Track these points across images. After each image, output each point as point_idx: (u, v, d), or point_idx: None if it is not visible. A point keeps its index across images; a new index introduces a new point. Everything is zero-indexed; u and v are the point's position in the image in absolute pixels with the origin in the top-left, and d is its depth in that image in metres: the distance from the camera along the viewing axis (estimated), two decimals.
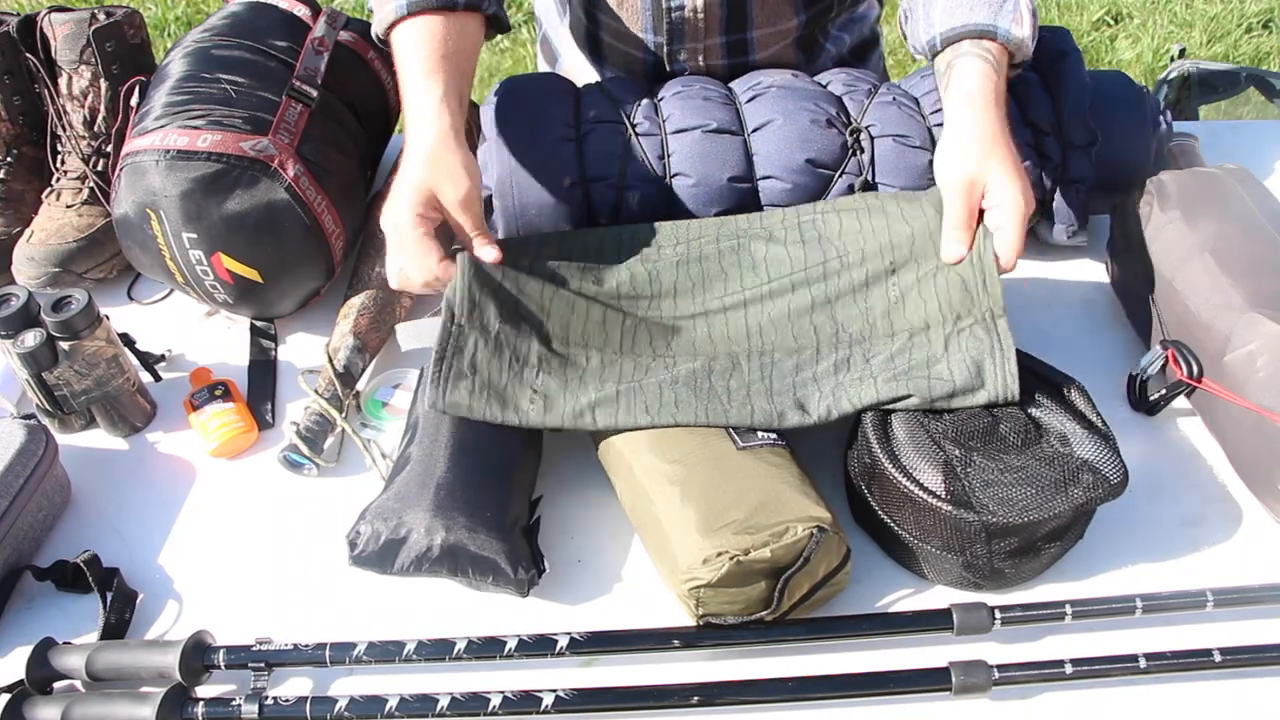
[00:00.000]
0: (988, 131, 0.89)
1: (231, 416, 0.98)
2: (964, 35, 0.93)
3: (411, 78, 0.92)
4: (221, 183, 0.98)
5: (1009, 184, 0.87)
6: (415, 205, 0.87)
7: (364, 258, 1.09)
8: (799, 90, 1.04)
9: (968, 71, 0.92)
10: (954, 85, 0.93)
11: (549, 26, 1.34)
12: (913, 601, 0.83)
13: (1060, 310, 1.08)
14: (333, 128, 1.08)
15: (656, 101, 1.07)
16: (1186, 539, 0.87)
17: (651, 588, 0.85)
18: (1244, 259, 0.90)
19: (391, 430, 0.99)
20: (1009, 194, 0.86)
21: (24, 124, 1.20)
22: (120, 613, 0.85)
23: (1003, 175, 0.87)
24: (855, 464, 0.86)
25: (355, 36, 1.15)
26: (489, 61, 2.75)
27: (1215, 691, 0.77)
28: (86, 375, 0.96)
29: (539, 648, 0.78)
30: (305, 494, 0.95)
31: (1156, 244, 0.97)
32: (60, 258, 1.12)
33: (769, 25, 1.16)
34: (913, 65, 2.66)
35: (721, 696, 0.76)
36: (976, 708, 0.77)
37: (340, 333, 1.02)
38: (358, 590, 0.86)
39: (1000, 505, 0.77)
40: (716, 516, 0.77)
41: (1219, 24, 2.74)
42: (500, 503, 0.83)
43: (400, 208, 0.87)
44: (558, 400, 0.86)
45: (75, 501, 0.95)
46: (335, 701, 0.76)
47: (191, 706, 0.77)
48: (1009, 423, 0.81)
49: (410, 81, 0.92)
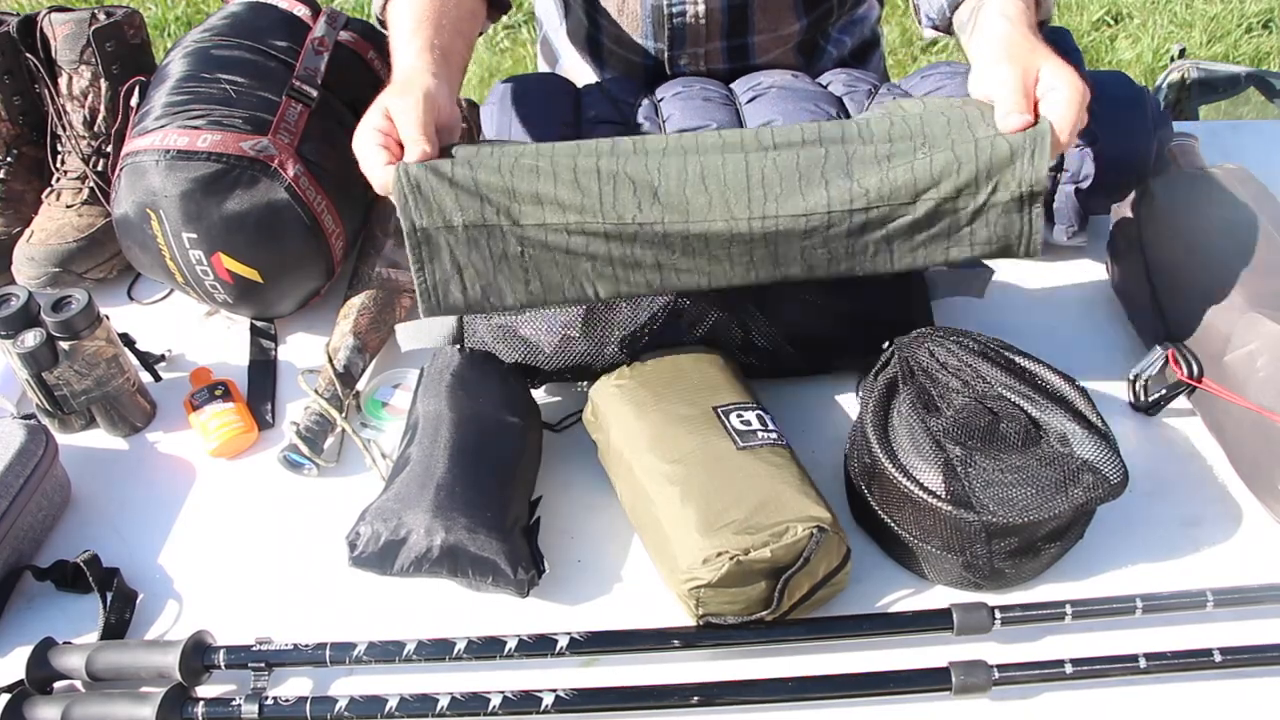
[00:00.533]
0: (1030, 37, 0.85)
1: (231, 416, 0.98)
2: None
3: (396, 43, 0.92)
4: (221, 183, 0.98)
5: (1064, 70, 0.82)
6: (371, 119, 0.85)
7: (364, 258, 1.09)
8: (799, 91, 1.04)
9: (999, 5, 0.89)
10: (984, 16, 0.89)
11: (549, 28, 1.34)
12: (913, 601, 0.83)
13: (1060, 310, 1.08)
14: (333, 128, 1.08)
15: (656, 102, 1.07)
16: (1186, 539, 0.87)
17: (651, 588, 0.85)
18: (1244, 259, 0.90)
19: (391, 430, 0.99)
20: (1065, 76, 0.82)
21: (24, 124, 1.20)
22: (120, 613, 0.85)
23: (1056, 64, 0.83)
24: (855, 464, 0.86)
25: (355, 36, 1.15)
26: (489, 61, 2.75)
27: (1215, 691, 0.77)
28: (86, 375, 0.96)
29: (539, 648, 0.78)
30: (305, 494, 0.95)
31: (1156, 244, 0.97)
32: (60, 258, 1.12)
33: (770, 30, 1.16)
34: (913, 65, 2.66)
35: (721, 696, 0.76)
36: (976, 708, 0.77)
37: (340, 333, 1.02)
38: (358, 590, 0.86)
39: (1000, 505, 0.77)
40: (716, 516, 0.77)
41: (1219, 24, 2.74)
42: (500, 503, 0.83)
43: (362, 123, 0.86)
44: (553, 277, 0.82)
45: (75, 501, 0.95)
46: (335, 701, 0.76)
47: (191, 706, 0.77)
48: (1009, 422, 0.81)
49: (395, 48, 0.92)
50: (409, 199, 0.80)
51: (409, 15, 0.93)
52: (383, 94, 0.87)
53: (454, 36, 0.94)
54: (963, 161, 0.79)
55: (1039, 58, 0.83)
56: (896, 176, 0.79)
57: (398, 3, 0.95)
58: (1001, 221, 0.81)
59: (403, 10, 0.94)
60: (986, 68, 0.85)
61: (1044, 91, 0.82)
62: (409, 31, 0.91)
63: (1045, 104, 0.82)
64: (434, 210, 0.80)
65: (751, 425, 0.84)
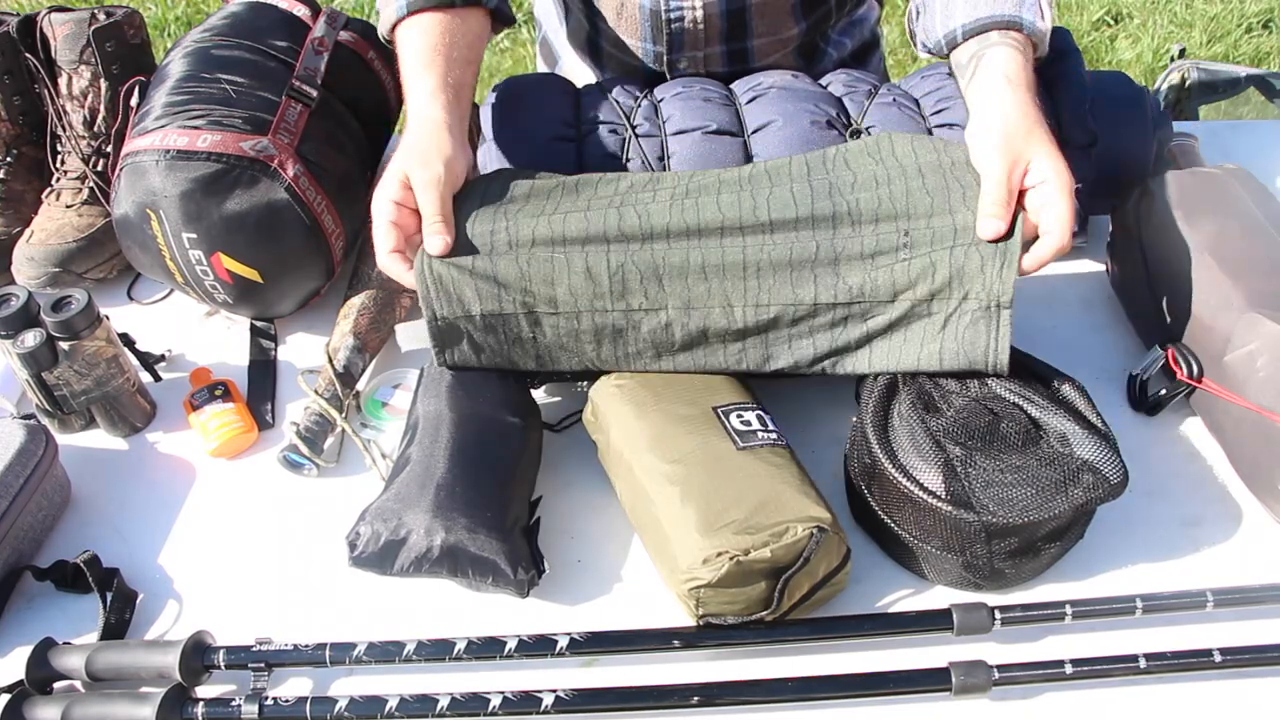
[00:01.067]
0: (1029, 112, 0.86)
1: (231, 416, 0.98)
2: (991, 26, 0.92)
3: (409, 74, 0.94)
4: (221, 183, 0.98)
5: (1054, 161, 0.83)
6: (391, 191, 0.87)
7: (364, 258, 1.09)
8: (799, 91, 1.04)
9: (1000, 58, 0.90)
10: (985, 71, 0.91)
11: (549, 29, 1.34)
12: (913, 601, 0.83)
13: (1060, 310, 1.08)
14: (333, 128, 1.08)
15: (656, 102, 1.07)
16: (1186, 539, 0.87)
17: (651, 588, 0.85)
18: (1244, 259, 0.90)
19: (391, 430, 0.99)
20: (1054, 170, 0.83)
21: (24, 124, 1.20)
22: (120, 613, 0.85)
23: (1047, 153, 0.84)
24: (855, 464, 0.86)
25: (355, 36, 1.15)
26: (489, 62, 2.75)
27: (1215, 691, 0.77)
28: (86, 375, 0.96)
29: (539, 648, 0.78)
30: (305, 494, 0.95)
31: (1156, 244, 0.97)
32: (60, 258, 1.12)
33: (769, 34, 1.16)
34: (913, 65, 2.66)
35: (721, 696, 0.76)
36: (976, 708, 0.77)
37: (340, 333, 1.02)
38: (358, 590, 0.86)
39: (1000, 505, 0.77)
40: (716, 516, 0.77)
41: (1219, 24, 2.74)
42: (500, 503, 0.83)
43: (378, 193, 0.88)
44: (560, 356, 0.89)
45: (75, 501, 0.95)
46: (335, 702, 0.76)
47: (191, 706, 0.77)
48: (1009, 422, 0.81)
49: (408, 78, 0.94)
50: (431, 291, 0.86)
51: (421, 44, 0.94)
52: (401, 154, 0.88)
53: (465, 68, 0.95)
54: (938, 267, 0.82)
55: (1032, 146, 0.84)
56: (878, 277, 0.84)
57: (407, 28, 0.96)
58: (969, 333, 0.83)
59: (412, 38, 0.95)
60: (978, 146, 0.86)
61: (1033, 182, 0.84)
62: (422, 65, 0.93)
63: (1034, 196, 0.84)
64: (454, 301, 0.87)
65: (751, 425, 0.84)
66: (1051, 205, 0.82)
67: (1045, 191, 0.83)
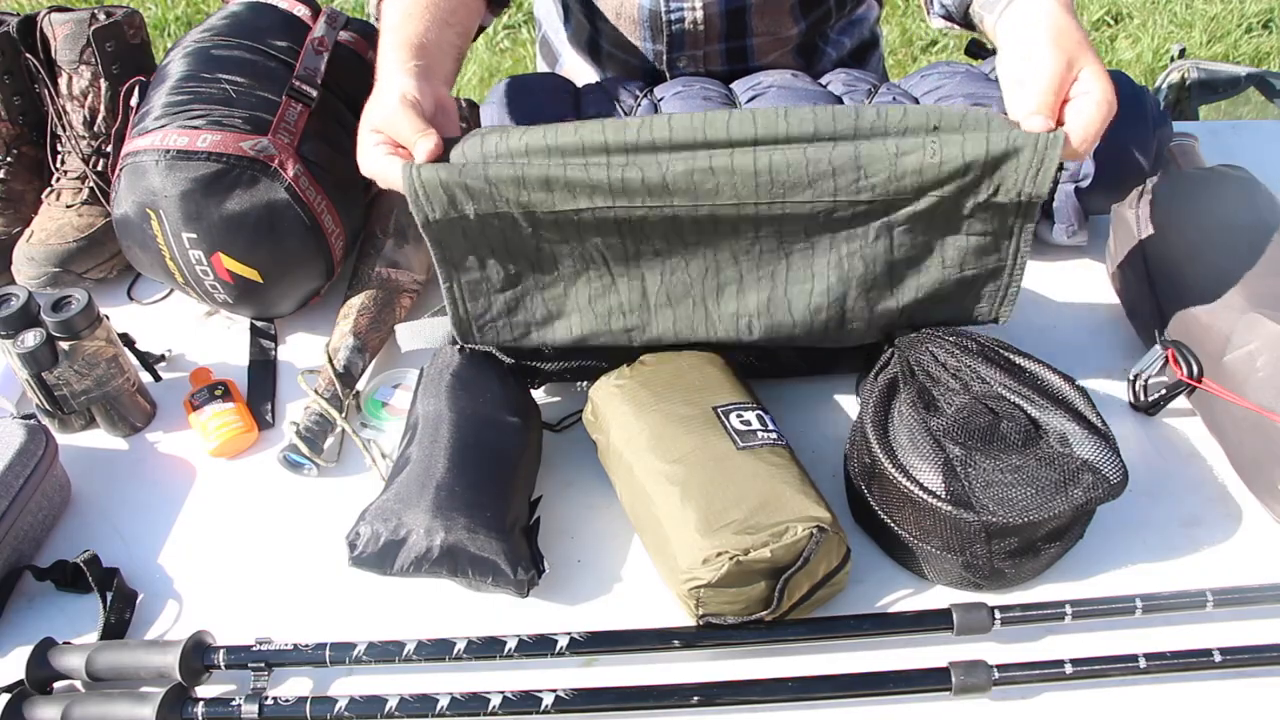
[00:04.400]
0: (1080, 27, 0.81)
1: (231, 416, 0.98)
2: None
3: (381, 41, 0.91)
4: (221, 183, 0.98)
5: (1103, 78, 0.79)
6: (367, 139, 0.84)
7: (364, 258, 1.09)
8: (799, 90, 1.04)
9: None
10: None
11: (549, 28, 1.34)
12: (913, 601, 0.83)
13: (1060, 310, 1.08)
14: (333, 128, 1.08)
15: (657, 101, 1.07)
16: (1186, 539, 0.87)
17: (651, 588, 0.85)
18: (1244, 259, 0.90)
19: (391, 430, 0.99)
20: (1102, 85, 0.78)
21: (24, 124, 1.20)
22: (120, 613, 0.85)
23: (1099, 69, 0.79)
24: (855, 464, 0.86)
25: (355, 36, 1.15)
26: (489, 62, 2.75)
27: (1215, 691, 0.77)
28: (86, 375, 0.96)
29: (539, 648, 0.78)
30: (305, 494, 0.95)
31: (1156, 244, 0.97)
32: (60, 258, 1.12)
33: (769, 33, 1.16)
34: (912, 65, 2.66)
35: (721, 696, 0.76)
36: (976, 708, 0.77)
37: (340, 333, 1.02)
38: (358, 590, 0.86)
39: (1000, 505, 0.77)
40: (716, 516, 0.77)
41: (1219, 24, 2.74)
42: (500, 503, 0.83)
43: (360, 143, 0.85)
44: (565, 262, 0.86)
45: (75, 501, 0.95)
46: (335, 701, 0.76)
47: (191, 706, 0.77)
48: (1009, 422, 0.81)
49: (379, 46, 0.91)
50: (420, 194, 0.81)
51: (395, 12, 0.92)
52: (366, 112, 0.85)
53: (442, 27, 0.92)
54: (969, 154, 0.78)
55: (1085, 55, 0.79)
56: (905, 164, 0.78)
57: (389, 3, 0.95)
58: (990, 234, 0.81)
59: (391, 9, 0.93)
60: (1031, 47, 0.80)
61: (1077, 94, 0.79)
62: (390, 29, 0.90)
63: (1073, 107, 0.79)
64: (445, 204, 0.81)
65: (751, 425, 0.84)
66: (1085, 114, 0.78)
67: (1084, 105, 0.78)
